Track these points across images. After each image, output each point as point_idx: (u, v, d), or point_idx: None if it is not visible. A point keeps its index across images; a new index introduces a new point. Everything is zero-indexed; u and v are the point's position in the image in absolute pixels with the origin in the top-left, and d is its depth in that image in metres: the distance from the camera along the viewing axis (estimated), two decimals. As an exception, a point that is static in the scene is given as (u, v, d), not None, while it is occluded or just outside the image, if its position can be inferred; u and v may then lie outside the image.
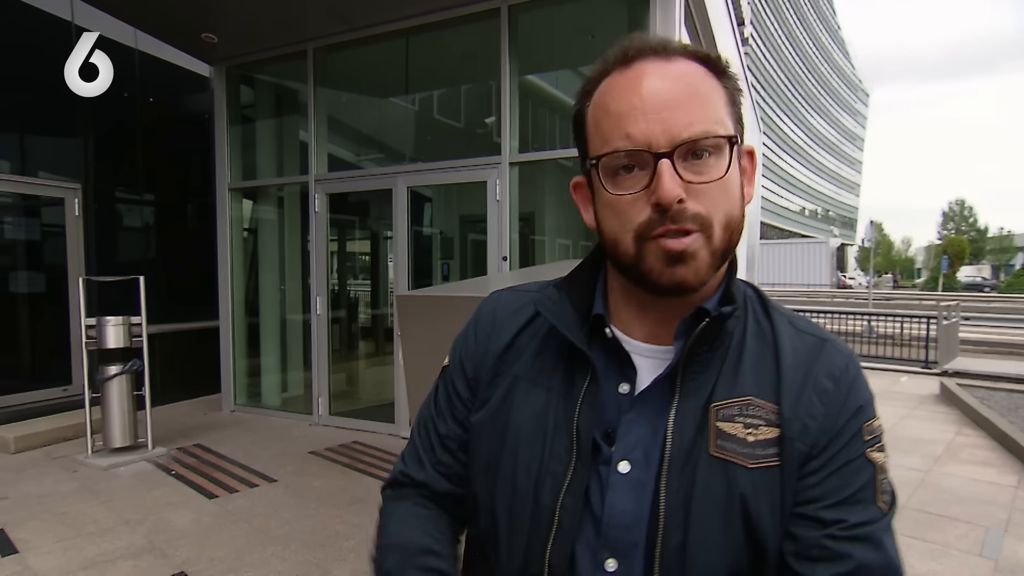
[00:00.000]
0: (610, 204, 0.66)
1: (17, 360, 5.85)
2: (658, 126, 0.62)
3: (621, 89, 0.65)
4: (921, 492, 4.26)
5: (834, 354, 0.71)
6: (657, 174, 0.61)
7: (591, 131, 0.68)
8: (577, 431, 0.68)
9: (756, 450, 0.65)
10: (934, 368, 9.23)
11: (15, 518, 3.61)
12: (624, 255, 0.66)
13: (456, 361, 0.83)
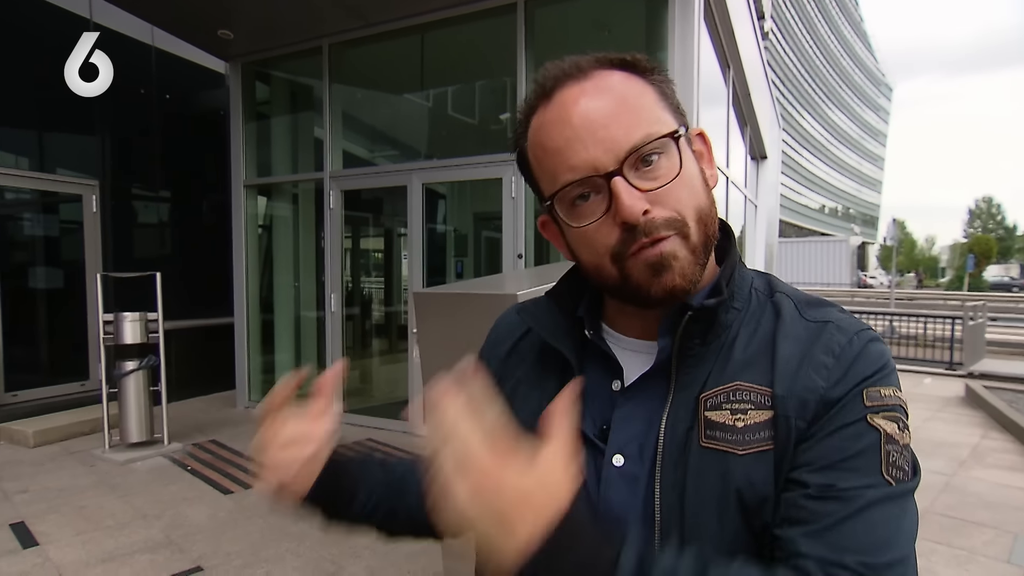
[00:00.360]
0: (579, 236, 0.66)
1: (36, 355, 5.94)
2: (598, 148, 0.61)
3: (551, 123, 0.64)
4: (945, 496, 4.17)
5: (836, 332, 0.65)
6: (614, 195, 0.61)
7: (536, 172, 0.68)
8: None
9: (746, 435, 0.61)
10: (959, 370, 9.06)
11: (35, 511, 3.67)
12: (609, 279, 0.65)
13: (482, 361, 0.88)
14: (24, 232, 5.96)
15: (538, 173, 0.68)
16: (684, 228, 0.62)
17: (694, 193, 0.64)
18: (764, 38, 7.74)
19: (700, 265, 0.64)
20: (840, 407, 0.60)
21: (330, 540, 3.32)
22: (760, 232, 8.46)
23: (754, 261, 8.23)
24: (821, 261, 49.96)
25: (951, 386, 8.15)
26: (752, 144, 7.97)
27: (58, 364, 6.03)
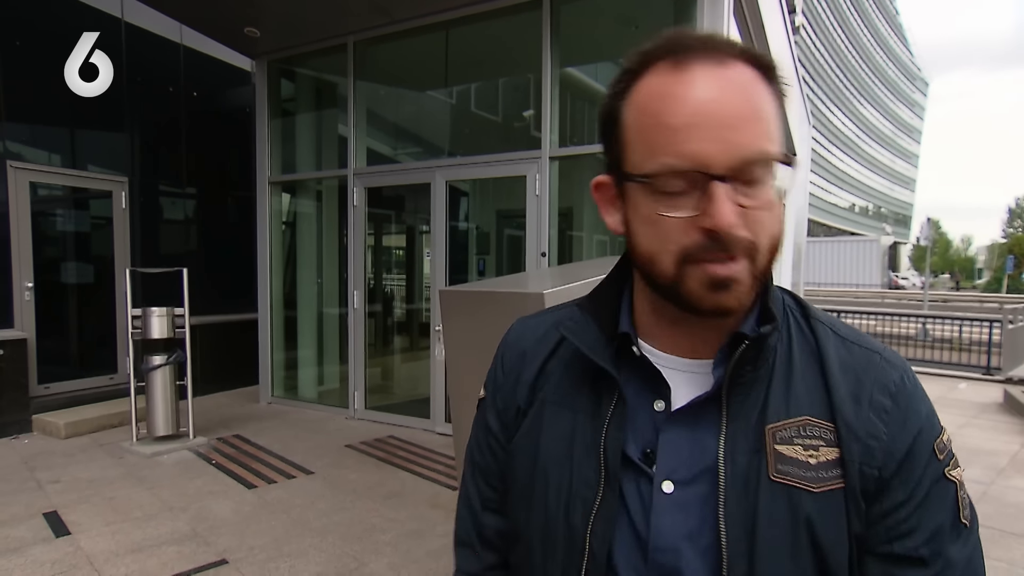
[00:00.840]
0: (651, 221, 0.61)
1: (67, 348, 6.08)
2: (716, 146, 0.56)
3: (673, 97, 0.58)
4: (983, 506, 4.04)
5: (887, 367, 0.67)
6: (713, 198, 0.56)
7: (631, 137, 0.61)
8: (604, 453, 0.66)
9: (820, 472, 0.61)
10: (997, 375, 8.80)
11: (67, 500, 3.77)
12: (662, 275, 0.61)
13: (489, 395, 0.82)
14: (56, 228, 6.09)
15: (631, 138, 0.61)
16: (756, 254, 0.59)
17: (775, 221, 0.61)
18: (795, 33, 7.59)
19: (756, 292, 0.62)
20: (920, 468, 0.63)
21: (353, 536, 3.34)
22: (788, 231, 8.21)
23: (782, 261, 8.06)
24: (850, 261, 48.99)
25: (988, 391, 7.93)
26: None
27: (88, 357, 6.16)
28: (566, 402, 0.72)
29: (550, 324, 0.79)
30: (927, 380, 8.86)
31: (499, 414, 0.79)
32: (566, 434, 0.70)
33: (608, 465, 0.65)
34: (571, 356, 0.73)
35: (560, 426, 0.71)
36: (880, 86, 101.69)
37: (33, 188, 5.60)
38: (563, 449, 0.69)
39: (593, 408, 0.69)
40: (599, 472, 0.66)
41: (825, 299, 25.45)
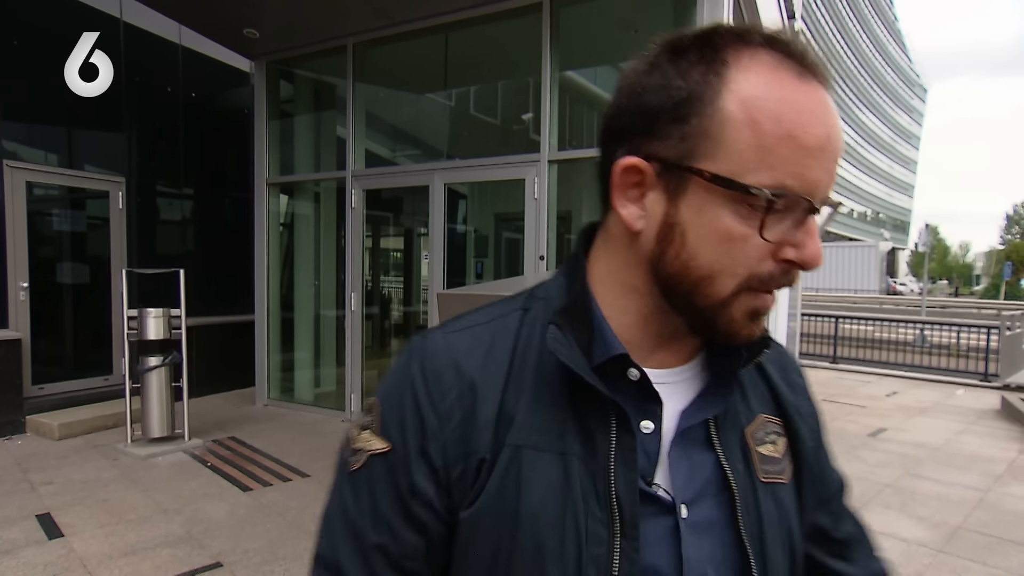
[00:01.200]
0: (728, 237, 0.53)
1: (62, 349, 6.04)
2: (826, 177, 0.52)
3: (809, 113, 0.51)
4: (980, 512, 4.04)
5: (787, 351, 0.74)
6: (809, 230, 0.53)
7: (734, 135, 0.51)
8: (617, 500, 0.55)
9: (784, 463, 0.65)
10: (994, 381, 8.80)
11: (60, 503, 3.74)
12: (712, 296, 0.55)
13: (408, 446, 0.58)
14: (52, 228, 6.07)
15: (735, 136, 0.51)
16: None
17: None
18: (794, 38, 7.58)
19: None
20: (821, 421, 0.72)
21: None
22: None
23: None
24: (848, 267, 49.03)
25: (986, 398, 7.92)
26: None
27: (82, 358, 6.13)
28: (545, 443, 0.57)
29: (488, 343, 0.61)
30: (925, 386, 8.86)
31: (437, 473, 0.57)
32: (557, 484, 0.56)
33: (623, 512, 0.55)
34: (536, 383, 0.59)
35: (547, 476, 0.56)
36: (879, 92, 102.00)
37: (29, 188, 5.58)
38: (557, 506, 0.55)
39: (585, 445, 0.57)
40: (611, 523, 0.55)
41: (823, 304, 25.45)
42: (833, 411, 6.93)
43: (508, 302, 0.65)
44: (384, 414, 0.60)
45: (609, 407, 0.57)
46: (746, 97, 0.51)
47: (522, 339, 0.61)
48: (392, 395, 0.60)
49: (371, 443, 0.60)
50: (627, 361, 0.57)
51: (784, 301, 8.26)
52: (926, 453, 5.36)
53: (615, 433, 0.57)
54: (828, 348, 11.12)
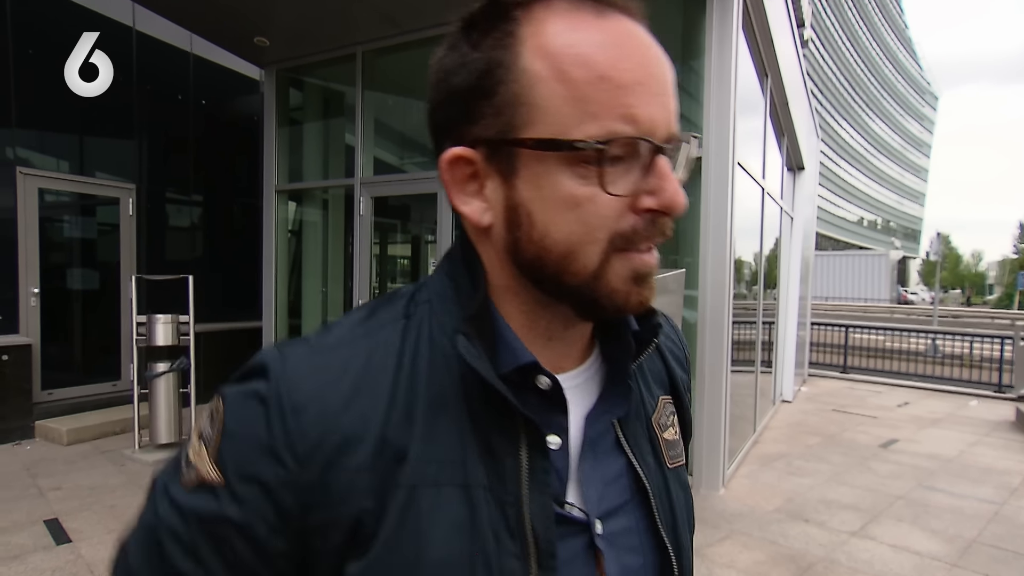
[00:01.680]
0: (574, 203, 0.47)
1: (71, 354, 6.08)
2: (661, 110, 0.48)
3: (616, 46, 0.47)
4: (995, 526, 3.96)
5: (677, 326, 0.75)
6: (661, 173, 0.47)
7: (545, 93, 0.47)
8: (533, 531, 0.49)
9: (680, 445, 0.64)
10: (1009, 392, 8.66)
11: (68, 508, 3.76)
12: (581, 272, 0.49)
13: (249, 489, 0.48)
14: (63, 234, 6.12)
15: (546, 94, 0.47)
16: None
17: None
18: (803, 46, 7.56)
19: None
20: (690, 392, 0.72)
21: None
22: (796, 245, 8.23)
23: (789, 274, 8.02)
24: (859, 275, 48.66)
25: (1000, 409, 7.80)
26: (789, 155, 7.77)
27: (91, 364, 6.16)
28: (445, 476, 0.49)
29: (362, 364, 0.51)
30: (938, 397, 8.75)
31: (284, 518, 0.47)
32: (462, 525, 0.48)
33: (539, 541, 0.49)
34: (432, 408, 0.50)
35: (449, 515, 0.48)
36: (889, 100, 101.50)
37: (41, 194, 5.63)
38: (463, 548, 0.48)
39: (491, 472, 0.50)
40: (525, 556, 0.49)
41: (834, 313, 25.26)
42: (844, 421, 6.85)
43: (387, 307, 0.55)
44: (226, 441, 0.49)
45: (517, 425, 0.50)
46: (547, 50, 0.47)
47: (407, 357, 0.51)
48: (240, 421, 0.49)
49: (205, 467, 0.49)
50: (537, 369, 0.51)
51: (793, 310, 8.20)
52: (939, 465, 5.28)
53: (526, 454, 0.50)
54: (838, 358, 11.01)
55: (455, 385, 0.50)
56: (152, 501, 0.52)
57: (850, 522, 3.93)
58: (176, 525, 0.49)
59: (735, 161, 4.07)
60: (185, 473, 0.50)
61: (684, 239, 4.48)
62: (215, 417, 0.51)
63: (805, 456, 5.40)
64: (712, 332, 4.06)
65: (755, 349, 6.01)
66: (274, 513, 0.47)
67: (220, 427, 0.50)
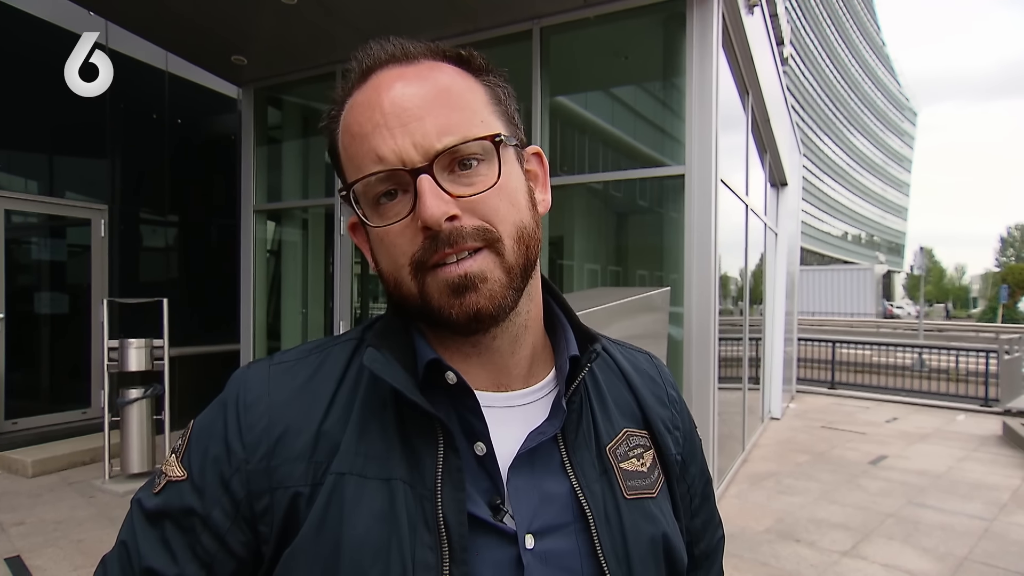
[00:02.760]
0: (379, 239, 0.58)
1: (38, 382, 5.91)
2: (407, 140, 0.54)
3: (362, 106, 0.57)
4: (985, 543, 3.95)
5: (661, 364, 0.77)
6: (419, 193, 0.54)
7: (344, 160, 0.59)
8: (444, 522, 0.53)
9: (651, 476, 0.65)
10: (995, 406, 8.69)
11: (31, 544, 3.61)
12: (408, 295, 0.57)
13: (206, 477, 0.57)
14: (31, 256, 6.00)
15: (345, 163, 0.59)
16: (497, 243, 0.56)
17: (515, 207, 0.58)
18: (783, 64, 7.63)
19: (514, 290, 0.58)
20: (695, 437, 0.74)
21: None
22: (780, 260, 8.25)
23: (775, 290, 8.02)
24: (844, 290, 49.11)
25: (987, 424, 7.82)
26: (772, 171, 7.81)
27: (60, 391, 6.00)
28: (371, 469, 0.55)
29: (312, 371, 0.61)
30: (925, 411, 8.76)
31: (236, 505, 0.56)
32: (382, 512, 0.54)
33: (452, 537, 0.53)
34: (362, 410, 0.58)
35: (371, 504, 0.54)
36: (870, 115, 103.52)
37: (8, 216, 5.50)
38: (381, 535, 0.53)
39: (412, 469, 0.55)
40: (439, 547, 0.53)
41: (820, 328, 25.42)
42: (832, 438, 6.82)
43: (343, 335, 0.66)
44: (192, 441, 0.60)
45: (435, 425, 0.56)
46: (342, 128, 0.60)
47: (353, 367, 0.61)
48: (204, 423, 0.61)
49: (172, 469, 0.59)
50: (441, 365, 0.57)
51: (780, 325, 8.18)
52: (928, 481, 5.26)
53: (442, 453, 0.55)
54: (826, 373, 11.03)
55: (388, 394, 0.58)
56: (128, 516, 0.60)
57: (841, 541, 3.89)
58: (148, 526, 0.57)
59: (718, 178, 4.06)
60: (156, 483, 0.60)
61: (669, 256, 4.45)
62: (186, 430, 0.62)
63: (795, 474, 5.35)
64: (698, 349, 4.01)
65: (742, 366, 5.97)
66: (229, 502, 0.56)
67: (188, 432, 0.61)
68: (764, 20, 5.72)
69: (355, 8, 4.77)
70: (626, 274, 5.25)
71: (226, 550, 0.56)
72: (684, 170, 4.06)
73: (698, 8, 4.03)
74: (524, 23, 4.65)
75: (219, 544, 0.56)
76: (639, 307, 3.23)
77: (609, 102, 5.41)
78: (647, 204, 5.20)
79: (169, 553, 0.56)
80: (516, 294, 0.58)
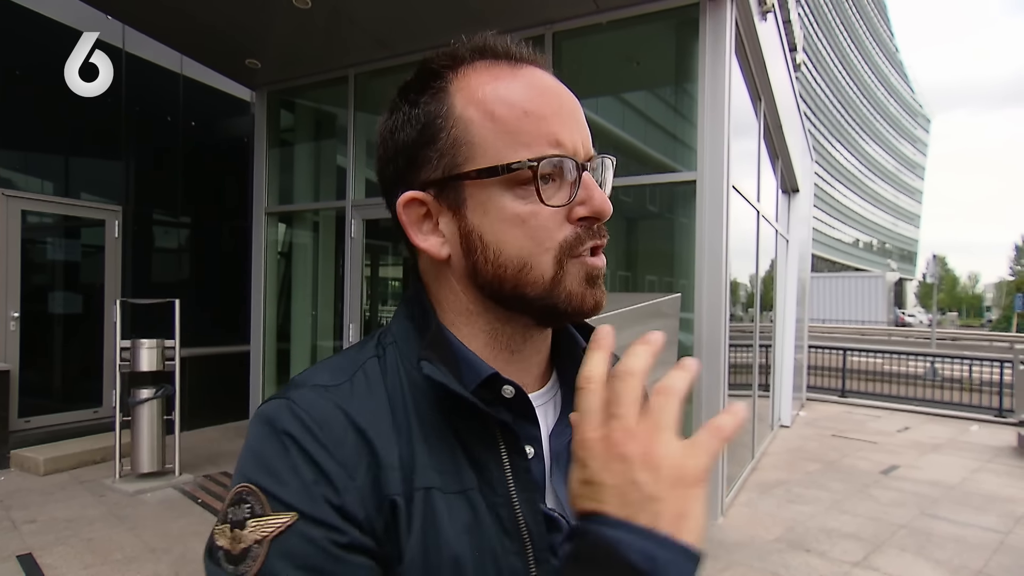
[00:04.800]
0: (519, 220, 0.55)
1: (51, 381, 5.96)
2: (579, 135, 0.57)
3: (531, 87, 0.57)
4: (1000, 557, 3.87)
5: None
6: (588, 185, 0.57)
7: (481, 132, 0.56)
8: (528, 529, 0.54)
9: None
10: (1009, 417, 8.55)
11: (42, 542, 3.63)
12: (539, 281, 0.56)
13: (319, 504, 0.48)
14: (46, 256, 6.04)
15: (481, 134, 0.55)
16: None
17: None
18: (796, 70, 7.59)
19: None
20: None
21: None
22: (792, 266, 8.19)
23: (786, 296, 7.97)
24: (855, 297, 48.73)
25: (1002, 435, 7.71)
26: (783, 177, 7.77)
27: (72, 390, 6.03)
28: (448, 484, 0.53)
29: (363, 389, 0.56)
30: (938, 421, 8.65)
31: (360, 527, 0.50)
32: (469, 525, 0.53)
33: (534, 539, 0.54)
34: (424, 425, 0.55)
35: (459, 518, 0.52)
36: (882, 122, 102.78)
37: (24, 216, 5.56)
38: (474, 548, 0.52)
39: (482, 478, 0.54)
40: (524, 553, 0.53)
41: (831, 336, 25.20)
42: (843, 447, 6.75)
43: (359, 352, 0.60)
44: (269, 487, 0.49)
45: (495, 431, 0.55)
46: (476, 98, 0.56)
47: (390, 384, 0.57)
48: (270, 464, 0.50)
49: (264, 527, 0.48)
50: (499, 380, 0.56)
51: (791, 332, 8.12)
52: (941, 492, 5.18)
53: (507, 457, 0.55)
54: (836, 381, 10.92)
55: (433, 409, 0.55)
56: None
57: (852, 552, 3.84)
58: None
59: (730, 184, 4.04)
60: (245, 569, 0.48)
61: (679, 262, 4.43)
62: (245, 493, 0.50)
63: (805, 483, 5.30)
64: (709, 355, 3.99)
65: (752, 373, 5.93)
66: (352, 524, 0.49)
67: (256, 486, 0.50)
68: (777, 26, 5.69)
69: (368, 13, 4.80)
70: (636, 280, 5.23)
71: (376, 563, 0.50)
72: (696, 176, 4.05)
73: (711, 14, 4.02)
74: (537, 28, 4.66)
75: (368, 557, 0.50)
76: (648, 314, 3.22)
77: (621, 107, 5.40)
78: (657, 210, 5.18)
79: None
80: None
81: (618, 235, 5.43)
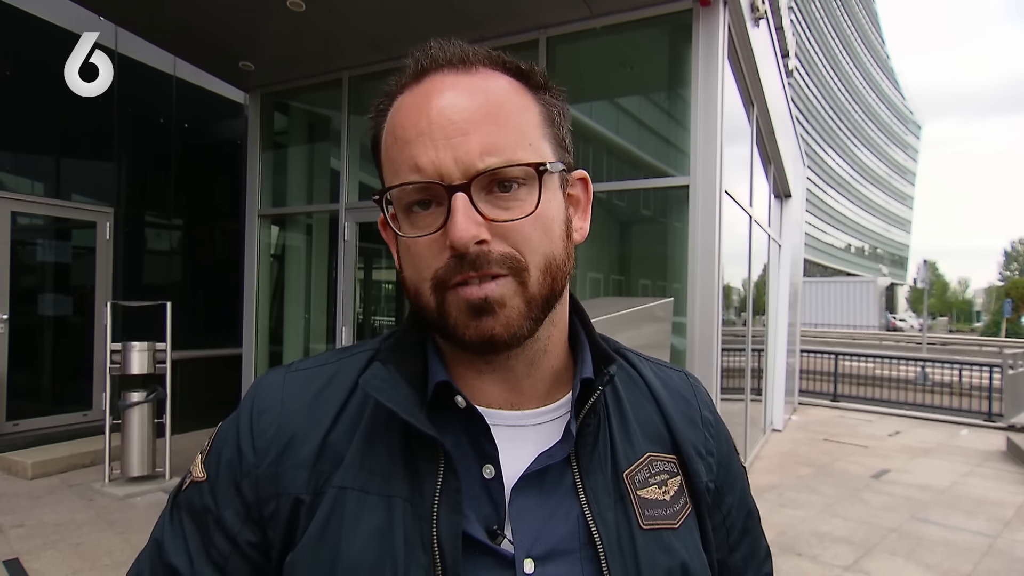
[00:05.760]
0: (406, 247, 0.56)
1: (40, 383, 5.91)
2: (449, 154, 0.52)
3: (409, 110, 0.55)
4: (989, 560, 3.90)
5: (699, 384, 0.73)
6: (451, 211, 0.52)
7: (384, 160, 0.58)
8: (439, 546, 0.53)
9: (675, 506, 0.61)
10: (999, 421, 8.63)
11: (30, 547, 3.59)
12: (426, 308, 0.56)
13: (221, 479, 0.59)
14: (36, 258, 6.01)
15: (384, 163, 0.57)
16: (523, 273, 0.54)
17: (548, 238, 0.55)
18: (788, 76, 7.64)
19: (532, 320, 0.55)
20: (733, 464, 0.70)
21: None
22: (784, 271, 8.24)
23: (778, 301, 8.01)
24: (847, 302, 49.00)
25: (991, 439, 7.77)
26: (776, 182, 7.81)
27: (61, 393, 5.99)
28: (374, 485, 0.55)
29: (323, 380, 0.61)
30: (928, 425, 8.71)
31: (247, 508, 0.57)
32: (380, 529, 0.54)
33: (445, 559, 0.52)
34: (370, 424, 0.58)
35: (370, 520, 0.54)
36: (874, 128, 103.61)
37: (14, 217, 5.52)
38: (378, 552, 0.53)
39: (412, 488, 0.55)
40: (432, 569, 0.52)
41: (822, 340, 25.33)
42: (834, 451, 6.79)
43: (363, 344, 0.65)
44: (213, 445, 0.62)
45: (438, 447, 0.54)
46: (387, 126, 0.57)
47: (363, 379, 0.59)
48: (225, 428, 0.63)
49: (196, 470, 0.62)
50: (451, 389, 0.56)
51: (783, 337, 8.16)
52: (931, 496, 5.22)
53: (442, 474, 0.54)
54: (828, 385, 10.98)
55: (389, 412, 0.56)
56: (161, 513, 0.63)
57: (843, 556, 3.86)
58: (171, 523, 0.60)
59: (722, 189, 4.06)
60: (184, 482, 0.63)
61: (672, 266, 4.44)
62: (212, 433, 0.64)
63: (797, 487, 5.32)
64: (701, 359, 4.00)
65: (745, 377, 5.95)
66: (240, 504, 0.57)
67: (213, 435, 0.64)
68: (769, 32, 5.74)
69: (363, 16, 4.80)
70: (629, 284, 5.24)
71: (239, 552, 0.57)
72: (688, 181, 4.06)
73: (704, 20, 4.05)
74: (531, 33, 4.67)
75: (231, 546, 0.57)
76: (641, 318, 3.22)
77: (614, 112, 5.42)
78: (651, 214, 5.20)
79: (187, 552, 0.58)
80: (534, 324, 0.56)
81: (612, 239, 5.45)
